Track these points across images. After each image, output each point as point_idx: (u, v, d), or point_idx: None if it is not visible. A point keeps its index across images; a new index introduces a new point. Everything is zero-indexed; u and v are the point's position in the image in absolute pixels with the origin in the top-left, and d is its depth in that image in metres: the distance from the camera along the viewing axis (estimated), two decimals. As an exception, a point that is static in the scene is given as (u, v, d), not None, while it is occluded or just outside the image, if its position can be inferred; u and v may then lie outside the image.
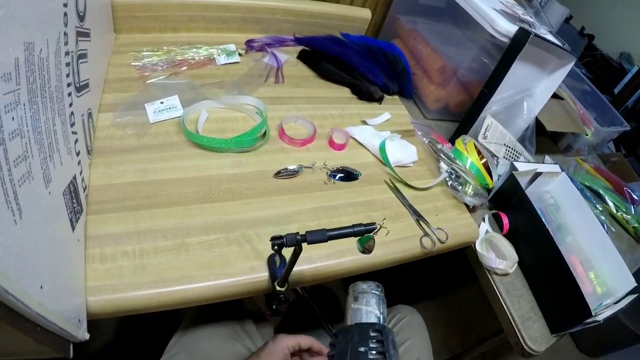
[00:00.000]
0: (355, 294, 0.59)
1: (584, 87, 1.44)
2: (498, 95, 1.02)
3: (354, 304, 0.59)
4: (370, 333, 0.53)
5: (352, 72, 1.11)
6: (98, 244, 0.68)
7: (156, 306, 0.66)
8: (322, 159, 0.93)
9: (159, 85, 0.92)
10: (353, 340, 0.53)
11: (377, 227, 0.62)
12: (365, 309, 0.57)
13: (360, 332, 0.54)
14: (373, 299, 0.58)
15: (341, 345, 0.53)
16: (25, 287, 0.43)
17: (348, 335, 0.54)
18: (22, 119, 0.46)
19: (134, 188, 0.76)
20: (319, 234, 0.60)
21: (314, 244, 0.59)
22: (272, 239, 0.59)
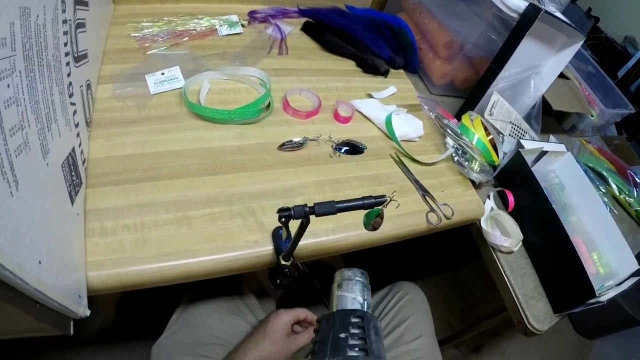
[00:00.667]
0: (340, 281, 0.57)
1: (589, 68, 1.37)
2: (505, 72, 0.96)
3: (338, 291, 0.56)
4: (351, 319, 0.51)
5: (357, 44, 1.04)
6: (98, 218, 0.63)
7: (158, 281, 0.61)
8: (327, 131, 0.87)
9: (160, 57, 0.85)
10: (335, 327, 0.50)
11: (387, 199, 0.57)
12: (349, 296, 0.55)
13: (342, 319, 0.51)
14: (357, 285, 0.56)
15: (324, 332, 0.51)
16: (23, 262, 0.39)
17: (330, 322, 0.51)
18: (18, 86, 0.42)
19: (134, 160, 0.71)
20: (327, 206, 0.55)
21: (322, 216, 0.54)
22: (279, 211, 0.54)
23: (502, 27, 0.98)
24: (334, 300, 0.56)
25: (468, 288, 1.80)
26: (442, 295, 1.73)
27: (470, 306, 1.74)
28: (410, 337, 0.87)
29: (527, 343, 1.69)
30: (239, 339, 0.78)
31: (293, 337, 0.74)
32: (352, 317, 0.51)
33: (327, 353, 0.48)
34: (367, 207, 0.57)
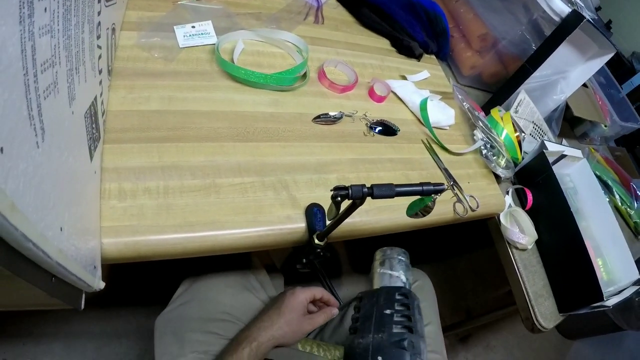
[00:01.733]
0: (382, 259, 0.54)
1: (600, 79, 1.29)
2: (537, 73, 0.88)
3: (380, 268, 0.53)
4: (396, 296, 0.47)
5: (393, 24, 0.93)
6: (116, 178, 0.52)
7: (181, 252, 0.51)
8: (362, 109, 0.77)
9: (190, 8, 0.72)
10: (379, 303, 0.47)
11: (445, 188, 0.48)
12: (391, 274, 0.51)
13: (386, 295, 0.48)
14: (400, 264, 0.53)
15: (366, 308, 0.48)
16: (45, 230, 0.29)
17: (374, 299, 0.48)
18: (55, 13, 0.32)
19: (159, 117, 0.59)
20: (386, 189, 0.46)
21: (380, 198, 0.44)
22: (335, 189, 0.44)
23: (540, 29, 0.91)
24: (375, 277, 0.52)
25: (461, 280, 1.73)
26: (435, 285, 1.65)
27: (460, 298, 1.68)
28: None
29: (511, 338, 1.65)
30: (250, 315, 0.69)
31: (308, 317, 0.65)
32: (396, 294, 0.48)
33: (371, 329, 0.44)
34: (426, 194, 0.48)
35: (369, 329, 0.44)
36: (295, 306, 0.63)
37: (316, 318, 0.65)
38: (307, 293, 0.65)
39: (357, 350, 0.44)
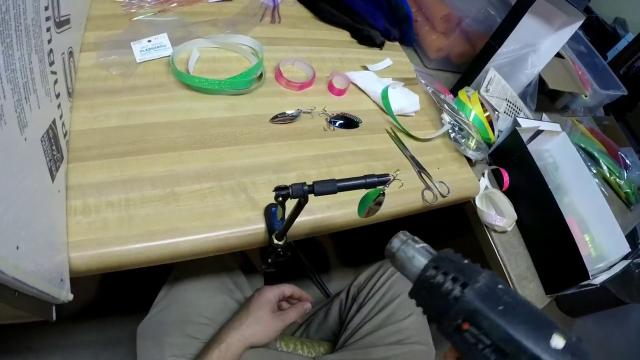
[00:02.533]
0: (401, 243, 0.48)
1: (580, 47, 1.32)
2: (504, 48, 0.93)
3: (416, 244, 0.47)
4: (450, 256, 0.44)
5: (352, 15, 0.98)
6: (80, 195, 0.58)
7: (145, 261, 0.58)
8: (321, 104, 0.82)
9: (147, 23, 0.79)
10: (453, 261, 0.43)
11: (390, 178, 0.53)
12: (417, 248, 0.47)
13: (448, 256, 0.45)
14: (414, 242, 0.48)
15: (450, 265, 0.43)
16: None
17: (446, 260, 0.44)
18: None
19: (118, 133, 0.66)
20: (328, 185, 0.51)
21: (322, 195, 0.50)
22: (276, 189, 0.50)
23: (501, 3, 0.95)
24: (415, 255, 0.46)
25: None
26: None
27: None
28: (401, 315, 0.84)
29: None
30: (226, 317, 0.75)
31: (279, 314, 0.71)
32: (448, 255, 0.45)
33: (474, 273, 0.41)
34: (370, 186, 0.53)
35: (471, 273, 0.41)
36: (263, 304, 0.69)
37: (287, 314, 0.71)
38: (276, 290, 0.71)
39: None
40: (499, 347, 0.37)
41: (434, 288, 0.42)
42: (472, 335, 0.39)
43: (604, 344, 1.90)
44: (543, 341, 0.37)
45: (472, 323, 0.39)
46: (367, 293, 0.91)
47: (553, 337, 0.37)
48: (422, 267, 0.44)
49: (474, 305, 0.39)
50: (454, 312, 0.40)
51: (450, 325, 0.40)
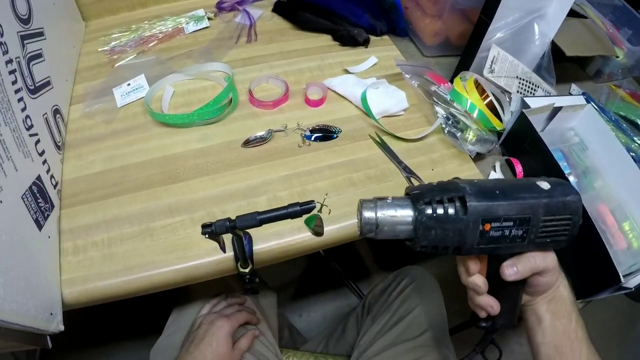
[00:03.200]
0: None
1: (615, 1, 1.19)
2: (501, 21, 0.91)
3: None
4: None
5: (331, 17, 1.04)
6: (71, 237, 0.72)
7: (125, 293, 0.69)
8: (297, 118, 0.90)
9: (127, 67, 0.92)
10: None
11: (314, 205, 0.58)
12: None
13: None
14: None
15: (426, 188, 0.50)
16: None
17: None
18: None
19: (102, 177, 0.80)
20: (248, 219, 0.58)
21: (244, 229, 0.56)
22: (202, 226, 0.58)
23: None
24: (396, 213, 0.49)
25: None
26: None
27: None
28: (415, 332, 0.86)
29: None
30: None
31: (237, 347, 0.77)
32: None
33: (453, 184, 0.49)
34: (293, 216, 0.58)
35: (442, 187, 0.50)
36: (223, 342, 0.75)
37: (243, 344, 0.78)
38: (233, 323, 0.78)
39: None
40: (520, 219, 0.47)
41: (442, 219, 0.47)
42: (496, 229, 0.47)
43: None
44: (538, 190, 0.48)
45: (491, 219, 0.47)
46: (381, 307, 0.94)
47: (539, 184, 0.49)
48: (415, 214, 0.48)
49: (484, 205, 0.46)
50: (473, 223, 0.47)
51: (475, 237, 0.47)
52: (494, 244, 0.48)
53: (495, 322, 0.56)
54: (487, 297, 0.54)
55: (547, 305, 0.56)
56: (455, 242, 0.48)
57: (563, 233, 0.50)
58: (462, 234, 0.47)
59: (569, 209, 0.49)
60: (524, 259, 0.51)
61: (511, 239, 0.48)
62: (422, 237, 0.48)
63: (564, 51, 0.98)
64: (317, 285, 1.62)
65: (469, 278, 0.54)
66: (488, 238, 0.48)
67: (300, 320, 1.56)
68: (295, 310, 1.58)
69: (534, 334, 0.57)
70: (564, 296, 0.56)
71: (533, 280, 0.54)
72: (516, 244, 0.49)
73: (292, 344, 1.24)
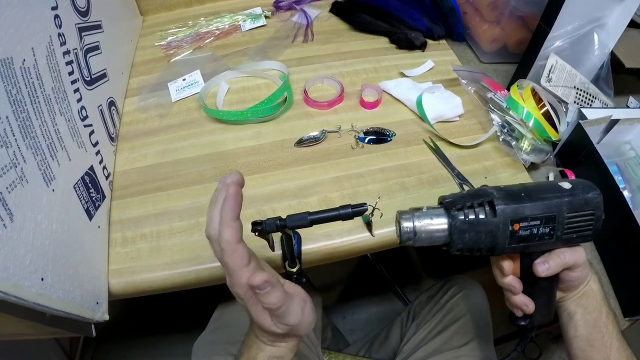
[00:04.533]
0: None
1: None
2: (560, 29, 0.85)
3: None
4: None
5: (389, 19, 0.99)
6: (120, 228, 0.70)
7: (171, 287, 0.67)
8: (352, 120, 0.86)
9: (183, 62, 0.90)
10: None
11: (366, 208, 0.53)
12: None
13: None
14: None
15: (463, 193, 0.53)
16: (20, 281, 0.45)
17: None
18: (6, 130, 0.48)
19: (154, 170, 0.78)
20: (299, 219, 0.55)
21: (295, 229, 0.52)
22: (252, 224, 0.54)
23: None
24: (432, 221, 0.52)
25: None
26: None
27: None
28: (460, 341, 0.83)
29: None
30: None
31: None
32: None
33: (481, 190, 0.52)
34: (344, 218, 0.54)
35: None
36: None
37: None
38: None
39: None
40: (546, 217, 0.49)
41: (474, 223, 0.50)
42: (524, 229, 0.50)
43: None
44: (561, 190, 0.51)
45: (519, 220, 0.49)
46: (427, 314, 0.91)
47: (561, 184, 0.52)
48: (449, 220, 0.51)
49: (511, 207, 0.49)
50: (502, 224, 0.49)
51: (506, 237, 0.50)
52: (524, 243, 0.51)
53: (532, 320, 0.58)
54: (522, 297, 0.55)
55: (579, 299, 0.57)
56: (488, 243, 0.50)
57: (588, 228, 0.52)
58: (494, 235, 0.49)
59: (590, 204, 0.51)
60: (554, 255, 0.53)
61: (539, 237, 0.51)
62: (457, 241, 0.50)
63: (622, 62, 0.91)
64: (363, 288, 1.57)
65: (504, 279, 0.55)
66: (518, 237, 0.50)
67: (344, 322, 1.52)
68: (340, 312, 1.54)
69: (567, 329, 0.58)
70: (595, 290, 0.57)
71: (565, 276, 0.55)
72: (545, 241, 0.51)
73: (334, 345, 1.21)
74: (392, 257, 1.63)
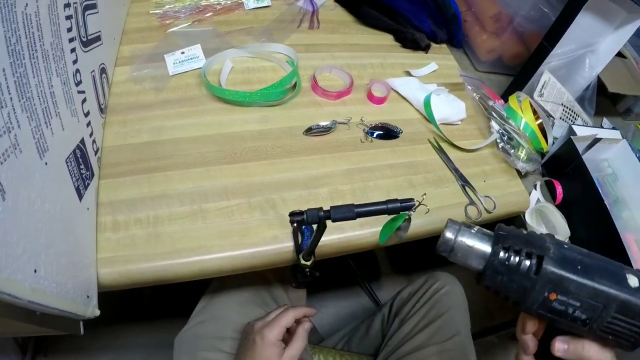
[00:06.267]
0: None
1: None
2: (558, 49, 0.85)
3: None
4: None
5: (396, 17, 0.93)
6: (111, 211, 0.59)
7: (172, 278, 0.57)
8: (359, 113, 0.79)
9: (181, 34, 0.79)
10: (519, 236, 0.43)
11: (415, 203, 0.48)
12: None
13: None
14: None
15: (518, 239, 0.43)
16: (13, 274, 0.35)
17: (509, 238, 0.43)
18: (2, 86, 0.37)
19: (149, 148, 0.66)
20: (345, 211, 0.48)
21: (339, 221, 0.46)
22: (291, 215, 0.48)
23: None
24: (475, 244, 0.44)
25: None
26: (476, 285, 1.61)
27: None
28: (445, 335, 0.80)
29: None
30: None
31: (288, 355, 0.62)
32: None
33: (541, 240, 0.42)
34: (392, 212, 0.49)
35: (540, 241, 0.43)
36: (270, 354, 0.61)
37: (295, 348, 0.64)
38: (276, 331, 0.63)
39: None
40: (589, 304, 0.40)
41: (512, 269, 0.42)
42: (560, 303, 0.41)
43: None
44: (623, 284, 0.40)
45: (560, 291, 0.40)
46: (410, 309, 0.87)
47: (628, 277, 0.40)
48: (490, 252, 0.43)
49: (558, 274, 0.40)
50: (540, 286, 0.40)
51: (537, 301, 0.41)
52: (554, 316, 0.42)
53: None
54: (531, 359, 0.47)
55: None
56: (517, 296, 0.42)
57: (629, 337, 0.42)
58: (525, 292, 0.41)
59: None
60: (579, 343, 0.43)
61: (572, 319, 0.41)
62: (488, 277, 0.43)
63: (606, 86, 0.94)
64: (331, 282, 1.51)
65: (523, 335, 0.47)
66: (550, 307, 0.41)
67: (315, 316, 1.44)
68: (309, 305, 1.46)
69: None
70: None
71: None
72: (576, 325, 0.42)
73: (309, 339, 1.13)
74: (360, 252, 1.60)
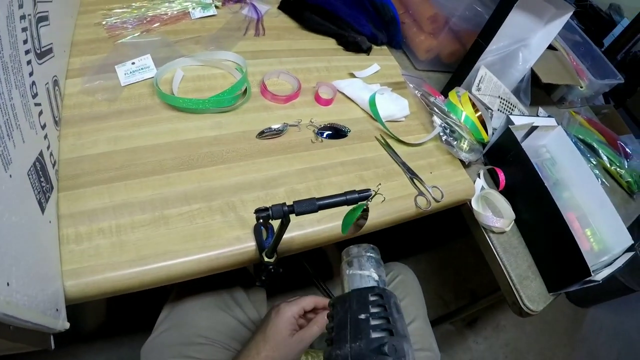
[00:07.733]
0: (349, 259, 0.52)
1: (576, 37, 1.33)
2: (493, 46, 0.94)
3: (349, 269, 0.51)
4: (369, 298, 0.46)
5: (337, 22, 1.00)
6: (72, 223, 0.61)
7: (139, 285, 0.60)
8: (309, 115, 0.84)
9: (130, 45, 0.81)
10: (352, 308, 0.45)
11: (371, 193, 0.54)
12: (361, 274, 0.49)
13: (358, 299, 0.46)
14: (369, 262, 0.51)
15: (340, 316, 0.46)
16: None
17: (346, 304, 0.46)
18: None
19: (107, 158, 0.68)
20: (307, 204, 0.53)
21: (302, 215, 0.51)
22: (256, 211, 0.52)
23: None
24: (345, 280, 0.50)
25: (461, 262, 1.81)
26: (435, 271, 1.74)
27: (463, 280, 1.75)
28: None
29: (521, 314, 1.73)
30: (227, 335, 0.77)
31: (300, 334, 0.63)
32: (369, 295, 0.46)
33: (347, 338, 0.42)
34: (351, 203, 0.54)
35: (345, 338, 0.43)
36: (281, 328, 0.63)
37: (309, 332, 0.64)
38: (294, 308, 0.64)
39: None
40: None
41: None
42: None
43: (619, 331, 1.92)
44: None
45: None
46: None
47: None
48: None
49: None
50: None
51: None
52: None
53: None
54: None
55: None
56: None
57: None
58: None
59: None
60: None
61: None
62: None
63: (539, 78, 1.05)
64: (287, 282, 1.54)
65: None
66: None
67: None
68: (268, 305, 1.49)
69: None
70: None
71: None
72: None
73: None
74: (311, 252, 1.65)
